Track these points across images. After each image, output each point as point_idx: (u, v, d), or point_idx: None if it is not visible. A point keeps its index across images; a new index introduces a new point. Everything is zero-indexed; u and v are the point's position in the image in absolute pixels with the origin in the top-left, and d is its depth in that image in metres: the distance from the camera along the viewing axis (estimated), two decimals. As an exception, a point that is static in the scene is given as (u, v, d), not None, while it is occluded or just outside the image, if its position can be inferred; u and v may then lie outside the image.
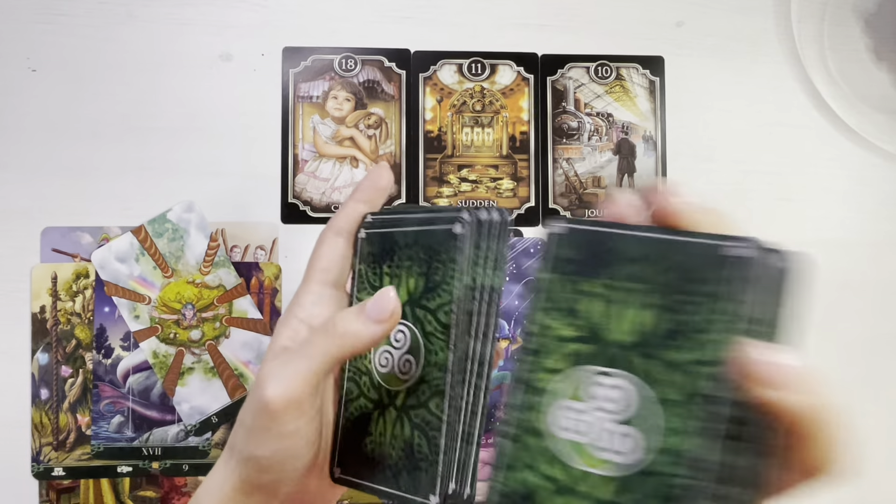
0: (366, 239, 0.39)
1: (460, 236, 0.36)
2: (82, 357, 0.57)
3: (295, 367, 0.34)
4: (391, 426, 0.37)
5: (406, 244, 0.38)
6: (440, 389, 0.35)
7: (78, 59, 0.58)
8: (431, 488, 0.35)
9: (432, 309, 0.36)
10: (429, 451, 0.35)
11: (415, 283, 0.37)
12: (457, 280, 0.35)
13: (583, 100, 0.61)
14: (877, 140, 0.61)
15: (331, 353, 0.34)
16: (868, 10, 0.63)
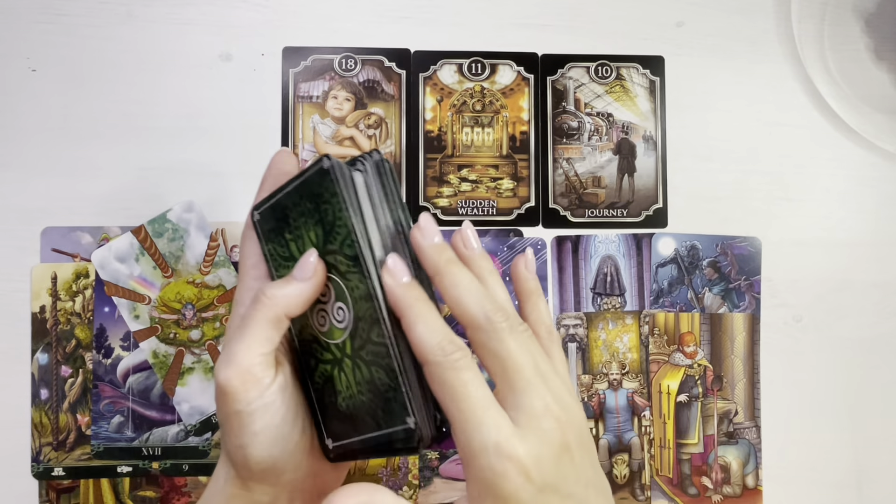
0: (260, 219, 0.40)
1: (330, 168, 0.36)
2: (82, 357, 0.57)
3: (236, 344, 0.35)
4: (351, 375, 0.37)
5: (294, 203, 0.38)
6: (375, 318, 0.35)
7: (78, 59, 0.58)
8: (404, 412, 0.35)
9: (337, 249, 0.37)
10: (389, 380, 0.35)
11: (314, 233, 0.37)
12: (346, 209, 0.36)
13: (583, 100, 0.61)
14: (877, 140, 0.61)
15: (266, 318, 0.35)
16: (868, 10, 0.63)
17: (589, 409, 0.59)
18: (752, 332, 0.61)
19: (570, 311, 0.59)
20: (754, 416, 0.60)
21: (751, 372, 0.60)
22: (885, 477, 0.61)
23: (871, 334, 0.61)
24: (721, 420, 0.60)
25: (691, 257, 0.60)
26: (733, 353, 0.60)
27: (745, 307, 0.61)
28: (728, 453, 0.60)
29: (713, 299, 0.60)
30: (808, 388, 0.61)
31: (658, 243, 0.60)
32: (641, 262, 0.60)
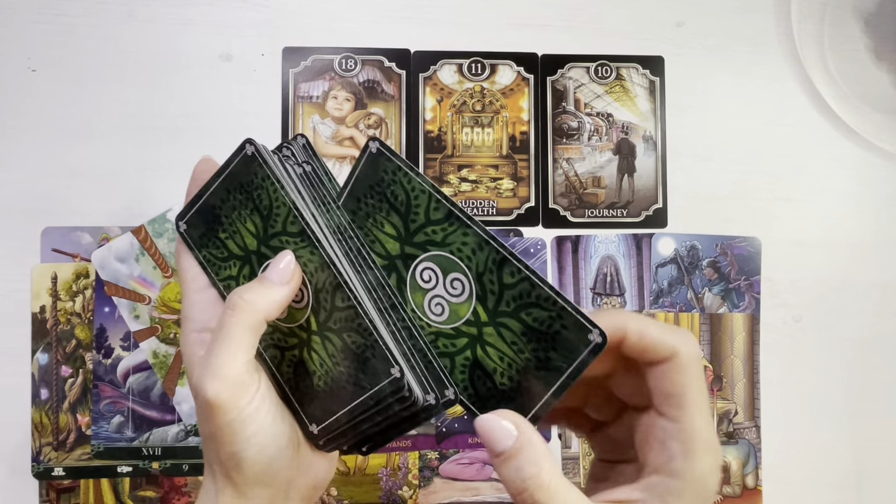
0: (188, 228, 0.39)
1: (255, 152, 0.36)
2: (82, 357, 0.57)
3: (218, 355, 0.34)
4: (323, 350, 0.36)
5: (222, 200, 0.38)
6: (336, 283, 0.35)
7: (78, 59, 0.58)
8: (388, 363, 0.34)
9: (281, 230, 0.36)
10: (364, 338, 0.34)
11: (251, 223, 0.37)
12: (282, 187, 0.36)
13: (583, 100, 0.61)
14: (877, 140, 0.61)
15: (247, 324, 0.34)
16: (868, 10, 0.63)
17: (589, 409, 0.59)
18: (751, 332, 0.61)
19: (570, 311, 0.59)
20: (754, 416, 0.60)
21: (751, 372, 0.61)
22: (885, 477, 0.61)
23: (871, 334, 0.61)
24: (721, 420, 0.60)
25: (691, 257, 0.60)
26: (733, 353, 0.60)
27: (744, 307, 0.61)
28: (728, 453, 0.60)
29: (713, 299, 0.60)
30: (808, 388, 0.61)
31: (658, 243, 0.60)
32: (641, 263, 0.60)
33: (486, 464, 0.59)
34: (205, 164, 0.40)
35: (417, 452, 0.58)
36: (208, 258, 0.38)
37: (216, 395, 0.33)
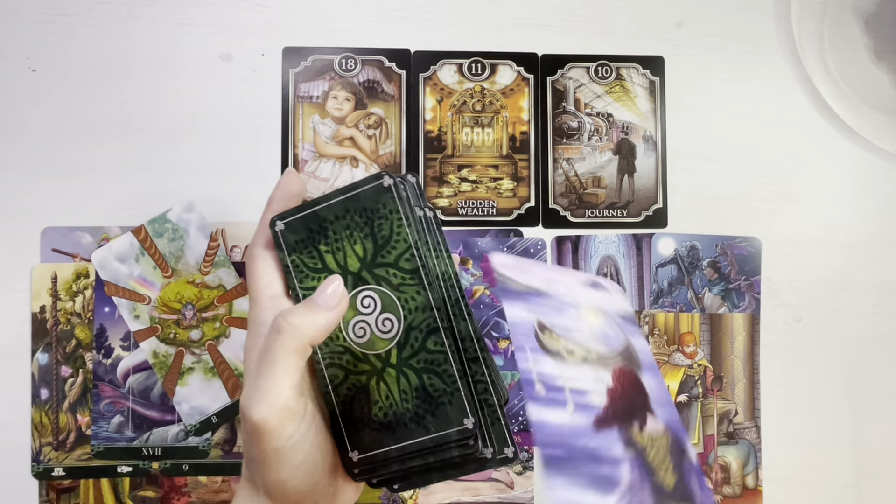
0: (286, 229, 0.40)
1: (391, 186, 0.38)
2: (82, 357, 0.57)
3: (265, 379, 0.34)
4: (395, 384, 0.38)
5: (336, 217, 0.39)
6: (433, 327, 0.37)
7: (78, 59, 0.58)
8: (463, 413, 0.36)
9: (392, 263, 0.38)
10: (445, 384, 0.37)
11: (362, 247, 0.39)
12: (406, 226, 0.38)
13: (583, 100, 0.61)
14: (877, 140, 0.61)
15: (293, 348, 0.34)
16: (868, 10, 0.63)
17: (589, 409, 0.59)
18: (752, 333, 0.61)
19: (570, 311, 0.59)
20: (754, 417, 0.60)
21: (751, 372, 0.61)
22: (885, 477, 0.61)
23: (871, 334, 0.61)
24: (721, 420, 0.60)
25: (691, 257, 0.60)
26: (733, 353, 0.60)
27: (745, 307, 0.61)
28: (728, 453, 0.60)
29: (713, 299, 0.60)
30: (808, 388, 0.61)
31: (658, 243, 0.60)
32: (641, 263, 0.60)
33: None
34: (290, 177, 0.41)
35: (417, 452, 0.58)
36: (297, 264, 0.39)
37: (263, 420, 0.33)
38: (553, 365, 0.36)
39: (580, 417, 0.34)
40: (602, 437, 0.34)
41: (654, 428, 0.36)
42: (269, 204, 0.40)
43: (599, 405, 0.35)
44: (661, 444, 0.36)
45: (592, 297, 0.41)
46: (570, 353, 0.37)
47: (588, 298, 0.40)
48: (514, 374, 0.58)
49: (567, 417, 0.34)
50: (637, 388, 0.37)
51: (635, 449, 0.35)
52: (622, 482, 0.33)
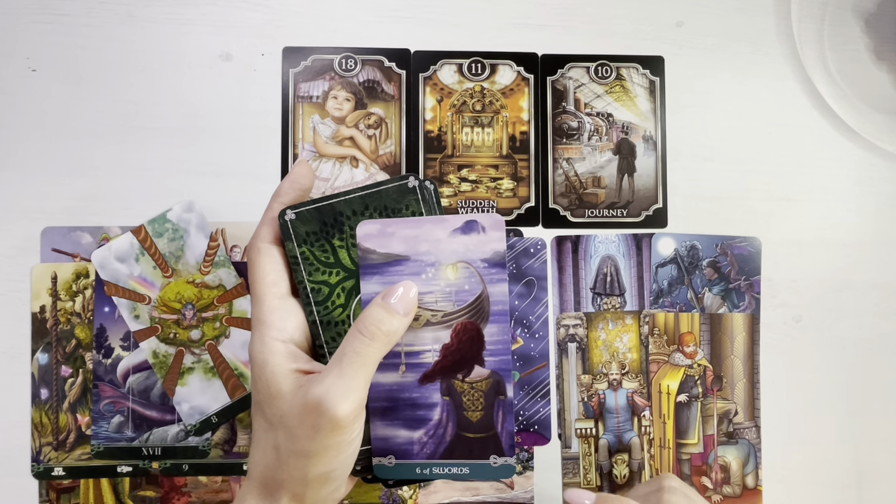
0: (297, 219, 0.40)
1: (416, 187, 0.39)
2: (82, 357, 0.57)
3: (354, 377, 0.36)
4: None
5: (354, 212, 0.39)
6: None
7: (78, 59, 0.58)
8: None
9: None
10: None
11: None
12: None
13: (583, 100, 0.61)
14: (877, 140, 0.61)
15: (381, 354, 0.37)
16: (868, 10, 0.63)
17: (589, 409, 0.59)
18: (751, 332, 0.61)
19: (570, 311, 0.59)
20: (754, 416, 0.60)
21: (751, 372, 0.61)
22: (885, 477, 0.61)
23: (871, 334, 0.61)
24: (721, 420, 0.60)
25: (691, 257, 0.60)
26: (733, 353, 0.60)
27: (744, 307, 0.61)
28: (728, 453, 0.60)
29: (713, 299, 0.60)
30: (808, 388, 0.61)
31: (658, 243, 0.60)
32: (641, 262, 0.60)
33: (486, 464, 0.59)
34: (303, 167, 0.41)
35: (417, 452, 0.58)
36: (306, 256, 0.39)
37: (347, 414, 0.35)
38: None
39: (409, 375, 0.43)
40: (424, 389, 0.43)
41: (477, 374, 0.43)
42: (277, 195, 0.40)
43: (430, 362, 0.43)
44: (479, 387, 0.44)
45: (458, 246, 0.43)
46: (414, 319, 0.42)
47: (452, 251, 0.43)
48: (513, 373, 0.58)
49: (397, 377, 0.43)
50: (473, 341, 0.43)
51: (451, 395, 0.43)
52: (432, 420, 0.43)
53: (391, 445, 0.43)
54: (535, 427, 0.58)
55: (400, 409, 0.43)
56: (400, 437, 0.43)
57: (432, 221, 0.42)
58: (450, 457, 0.44)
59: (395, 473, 0.43)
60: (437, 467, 0.43)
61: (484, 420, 0.44)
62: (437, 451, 0.44)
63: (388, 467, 0.43)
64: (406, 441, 0.43)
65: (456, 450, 0.43)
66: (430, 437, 0.44)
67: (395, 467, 0.43)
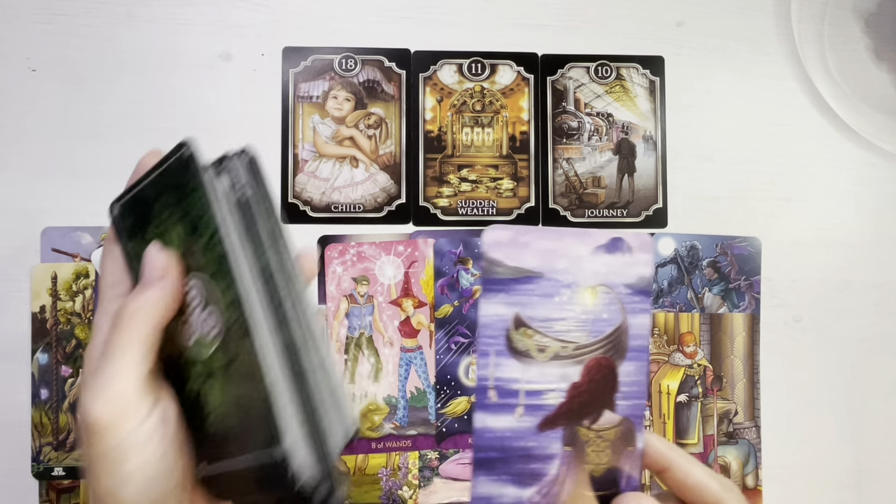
0: (121, 213, 0.35)
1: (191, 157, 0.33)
2: (82, 357, 0.57)
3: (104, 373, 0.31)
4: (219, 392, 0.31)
5: (156, 194, 0.34)
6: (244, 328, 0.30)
7: (78, 59, 0.58)
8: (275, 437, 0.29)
9: (205, 245, 0.32)
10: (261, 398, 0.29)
11: (179, 230, 0.33)
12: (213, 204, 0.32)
13: (583, 100, 0.61)
14: (877, 140, 0.61)
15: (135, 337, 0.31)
16: (868, 10, 0.63)
17: (589, 410, 0.59)
18: (752, 332, 0.61)
19: (570, 311, 0.59)
20: (754, 416, 0.60)
21: (751, 372, 0.61)
22: (885, 477, 0.61)
23: (871, 334, 0.61)
24: (721, 420, 0.60)
25: (691, 257, 0.60)
26: (733, 353, 0.60)
27: (745, 307, 0.61)
28: (728, 453, 0.60)
29: (713, 299, 0.60)
30: (808, 388, 0.61)
31: (658, 243, 0.60)
32: (641, 262, 0.60)
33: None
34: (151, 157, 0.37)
35: (417, 452, 0.58)
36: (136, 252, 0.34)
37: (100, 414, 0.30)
38: (516, 368, 0.35)
39: (527, 420, 0.35)
40: (543, 437, 0.35)
41: (607, 420, 0.36)
42: None
43: (554, 404, 0.35)
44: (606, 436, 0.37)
45: (601, 266, 0.38)
46: (540, 350, 0.35)
47: (593, 271, 0.37)
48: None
49: (513, 422, 0.35)
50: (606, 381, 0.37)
51: (575, 445, 0.36)
52: (547, 476, 0.35)
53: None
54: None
55: (511, 461, 0.35)
56: (506, 497, 0.35)
57: (573, 235, 0.37)
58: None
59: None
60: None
61: (607, 475, 0.37)
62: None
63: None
64: (514, 501, 0.35)
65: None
66: (542, 496, 0.36)
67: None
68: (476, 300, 0.59)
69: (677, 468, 0.37)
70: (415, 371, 0.58)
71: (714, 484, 0.36)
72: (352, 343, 0.58)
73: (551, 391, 0.35)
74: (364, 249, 0.59)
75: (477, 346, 0.36)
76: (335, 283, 0.58)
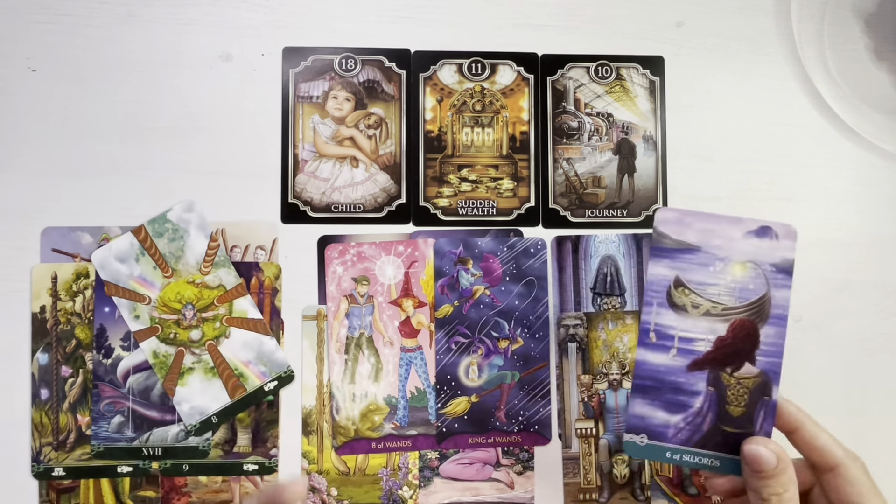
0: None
1: None
2: (82, 357, 0.57)
3: None
4: None
5: None
6: None
7: (78, 59, 0.58)
8: None
9: None
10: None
11: None
12: None
13: (583, 100, 0.61)
14: (876, 140, 0.61)
15: None
16: (868, 10, 0.63)
17: (589, 409, 0.59)
18: (752, 332, 0.61)
19: (570, 311, 0.59)
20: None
21: (751, 372, 0.60)
22: (884, 477, 0.61)
23: (871, 334, 0.61)
24: (721, 420, 0.60)
25: (691, 257, 0.60)
26: (733, 353, 0.60)
27: (745, 307, 0.61)
28: (728, 453, 0.60)
29: (713, 299, 0.60)
30: (808, 388, 0.61)
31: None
32: (641, 262, 0.60)
33: (486, 464, 0.59)
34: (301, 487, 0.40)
35: (417, 452, 0.58)
36: None
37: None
38: (673, 318, 0.45)
39: (679, 360, 0.44)
40: (691, 376, 0.44)
41: (746, 371, 0.45)
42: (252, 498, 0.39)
43: (702, 351, 0.44)
44: (745, 384, 0.45)
45: (751, 247, 0.45)
46: (694, 307, 0.44)
47: (743, 251, 0.45)
48: (513, 374, 0.58)
49: (667, 359, 0.44)
50: (749, 339, 0.45)
51: (717, 386, 0.44)
52: (693, 408, 0.44)
53: (647, 424, 0.44)
54: (535, 427, 0.58)
55: (663, 390, 0.44)
56: (657, 419, 0.44)
57: (729, 220, 0.45)
58: (703, 447, 0.44)
59: (643, 453, 0.44)
60: (689, 455, 0.44)
61: (745, 417, 0.44)
62: (692, 439, 0.44)
63: (638, 445, 0.44)
64: (662, 423, 0.44)
65: (710, 441, 0.44)
66: (687, 423, 0.44)
67: (645, 447, 0.44)
68: (476, 300, 0.59)
69: (807, 430, 0.43)
70: (415, 371, 0.58)
71: (839, 450, 0.42)
72: (352, 343, 0.58)
73: (701, 340, 0.44)
74: (364, 249, 0.59)
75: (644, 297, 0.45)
76: (335, 283, 0.58)
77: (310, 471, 0.58)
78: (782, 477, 0.41)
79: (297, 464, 0.58)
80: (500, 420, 0.58)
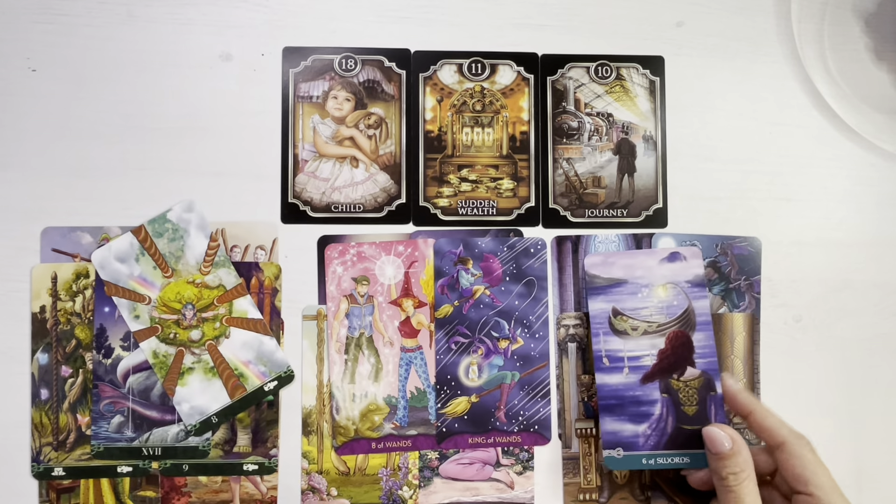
0: None
1: None
2: (82, 357, 0.57)
3: None
4: None
5: None
6: None
7: (78, 59, 0.58)
8: None
9: None
10: None
11: None
12: None
13: (583, 100, 0.61)
14: (877, 140, 0.61)
15: None
16: (868, 10, 0.63)
17: (589, 409, 0.59)
18: (752, 332, 0.61)
19: (570, 311, 0.59)
20: (754, 416, 0.61)
21: (751, 372, 0.61)
22: (885, 477, 0.61)
23: (871, 334, 0.61)
24: (721, 420, 0.61)
25: (691, 257, 0.61)
26: (733, 353, 0.60)
27: (745, 307, 0.61)
28: (728, 453, 0.60)
29: (713, 299, 0.60)
30: (808, 388, 0.61)
31: (658, 243, 0.60)
32: (641, 262, 0.60)
33: (486, 464, 0.59)
34: None
35: (417, 452, 0.58)
36: None
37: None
38: (619, 342, 0.54)
39: (632, 376, 0.53)
40: (645, 388, 0.53)
41: (690, 374, 0.53)
42: None
43: (649, 364, 0.53)
44: (692, 385, 0.53)
45: (667, 271, 0.54)
46: (634, 329, 0.53)
47: (662, 275, 0.54)
48: (513, 374, 0.58)
49: (622, 378, 0.53)
50: (685, 347, 0.53)
51: (670, 392, 0.53)
52: (654, 415, 0.52)
53: (619, 438, 0.52)
54: (535, 427, 0.58)
55: (626, 405, 0.53)
56: (627, 431, 0.52)
57: (644, 253, 0.55)
58: (671, 447, 0.52)
59: (622, 464, 0.52)
60: (662, 457, 0.52)
61: (699, 414, 0.52)
62: (661, 443, 0.52)
63: (616, 458, 0.52)
64: (632, 434, 0.52)
65: (676, 441, 0.52)
66: (653, 429, 0.52)
67: (623, 458, 0.52)
68: (476, 300, 0.59)
69: (758, 413, 0.50)
70: (415, 371, 0.58)
71: (784, 429, 0.49)
72: (352, 343, 0.58)
73: (646, 356, 0.53)
74: (364, 249, 0.59)
75: (591, 329, 0.55)
76: (335, 283, 0.58)
77: (309, 471, 0.58)
78: (738, 458, 0.48)
79: (297, 464, 0.58)
80: (500, 420, 0.58)
